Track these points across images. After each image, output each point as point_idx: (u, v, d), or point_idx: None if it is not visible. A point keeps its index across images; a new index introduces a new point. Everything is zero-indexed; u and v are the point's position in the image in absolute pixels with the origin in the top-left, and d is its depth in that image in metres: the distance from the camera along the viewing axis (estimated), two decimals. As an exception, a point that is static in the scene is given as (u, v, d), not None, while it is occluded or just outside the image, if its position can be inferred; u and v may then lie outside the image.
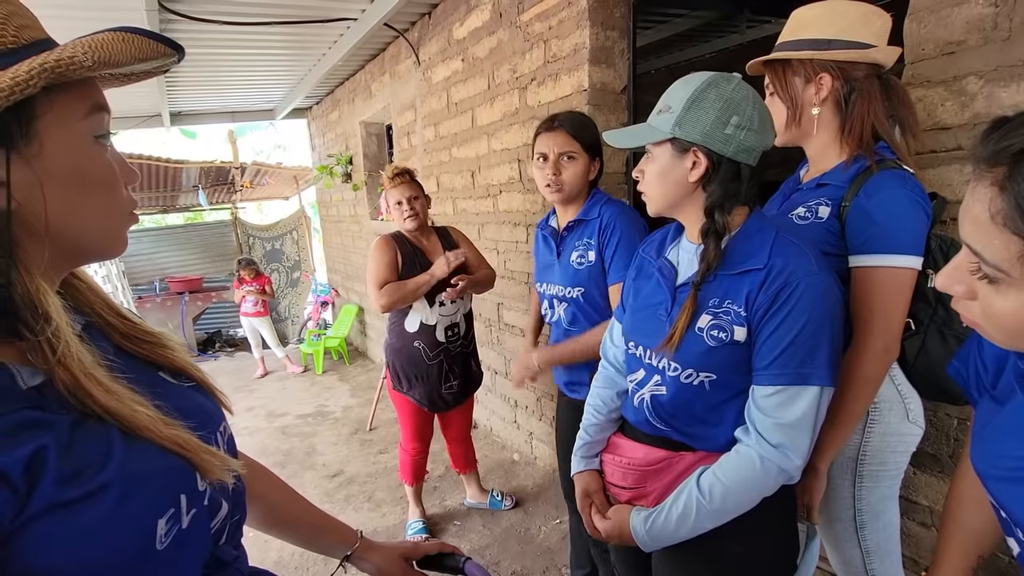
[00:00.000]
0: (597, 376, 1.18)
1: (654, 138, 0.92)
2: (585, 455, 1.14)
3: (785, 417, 0.85)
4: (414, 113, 3.67)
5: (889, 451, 1.11)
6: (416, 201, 2.14)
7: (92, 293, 0.56)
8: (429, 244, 2.22)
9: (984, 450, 0.62)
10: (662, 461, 1.00)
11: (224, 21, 2.95)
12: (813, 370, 0.84)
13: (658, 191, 0.95)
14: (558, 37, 2.27)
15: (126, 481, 0.44)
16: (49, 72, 0.41)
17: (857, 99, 1.06)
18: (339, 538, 0.79)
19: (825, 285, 0.85)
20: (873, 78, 1.07)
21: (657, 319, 0.98)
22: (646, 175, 0.96)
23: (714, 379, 0.91)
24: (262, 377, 5.24)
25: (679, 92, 0.90)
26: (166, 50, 0.49)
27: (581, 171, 1.50)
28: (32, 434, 0.41)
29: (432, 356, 2.19)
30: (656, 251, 1.04)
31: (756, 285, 0.86)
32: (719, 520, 0.90)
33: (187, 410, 0.53)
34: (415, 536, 2.39)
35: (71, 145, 0.46)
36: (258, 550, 2.35)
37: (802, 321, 0.83)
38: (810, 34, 1.09)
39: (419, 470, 2.43)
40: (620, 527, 0.99)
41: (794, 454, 0.86)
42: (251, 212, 9.70)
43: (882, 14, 1.08)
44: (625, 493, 1.06)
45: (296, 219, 7.76)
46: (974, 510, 0.78)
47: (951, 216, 1.22)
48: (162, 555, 0.45)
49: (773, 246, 0.87)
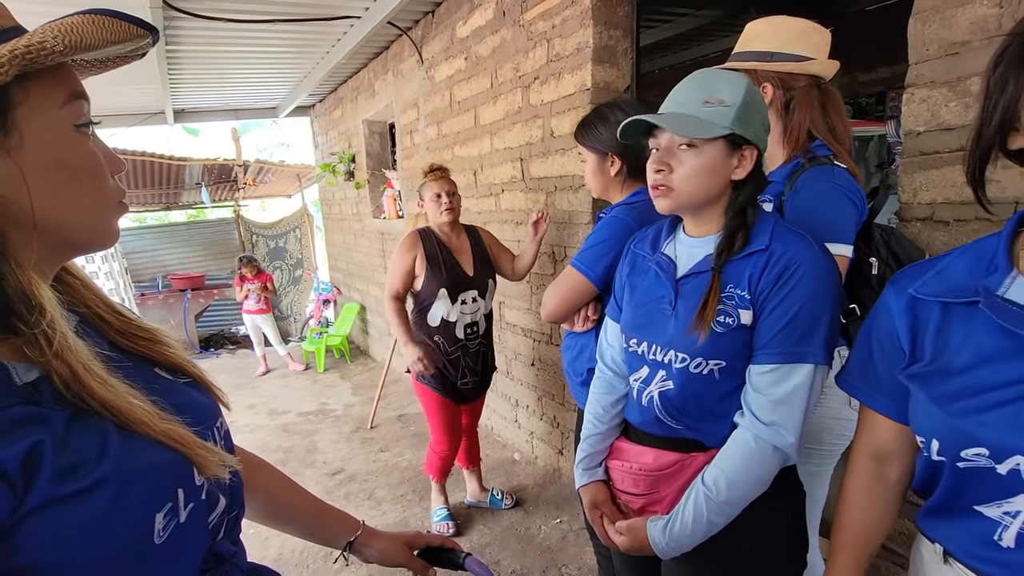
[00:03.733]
0: (595, 382, 1.14)
1: (714, 132, 0.86)
2: (588, 467, 1.11)
3: (777, 393, 0.86)
4: (417, 111, 3.67)
5: (826, 433, 1.18)
6: (453, 197, 2.19)
7: (86, 289, 0.56)
8: (458, 242, 2.25)
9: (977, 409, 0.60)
10: (674, 464, 0.98)
11: (228, 19, 2.96)
12: (809, 348, 0.85)
13: (697, 188, 0.90)
14: (561, 36, 2.26)
15: (123, 476, 0.44)
16: (20, 59, 0.40)
17: (796, 107, 1.18)
18: (341, 527, 0.79)
19: (826, 266, 0.87)
20: (812, 88, 1.18)
21: (661, 313, 0.97)
22: (681, 171, 0.89)
23: (723, 366, 0.91)
24: (264, 374, 5.25)
25: (729, 87, 0.88)
26: (139, 31, 0.48)
27: (590, 172, 1.51)
28: (28, 429, 0.41)
29: (450, 352, 2.22)
30: (651, 247, 1.04)
31: (759, 268, 0.88)
32: (730, 513, 0.90)
33: (183, 406, 0.53)
34: (441, 523, 2.41)
35: (51, 135, 0.46)
36: (258, 547, 2.35)
37: (802, 301, 0.85)
38: (755, 46, 1.21)
39: (447, 468, 2.47)
40: (639, 541, 0.96)
41: (787, 431, 0.86)
42: (254, 210, 9.71)
43: (820, 29, 1.19)
44: (638, 500, 1.03)
45: (299, 217, 7.76)
46: (866, 509, 0.80)
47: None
48: (160, 549, 0.45)
49: (773, 231, 0.90)
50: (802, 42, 1.17)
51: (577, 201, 2.32)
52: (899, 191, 1.33)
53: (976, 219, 1.19)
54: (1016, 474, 0.56)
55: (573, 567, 2.14)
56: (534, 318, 2.77)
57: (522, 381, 2.98)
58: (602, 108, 1.52)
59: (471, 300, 2.20)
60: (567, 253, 2.43)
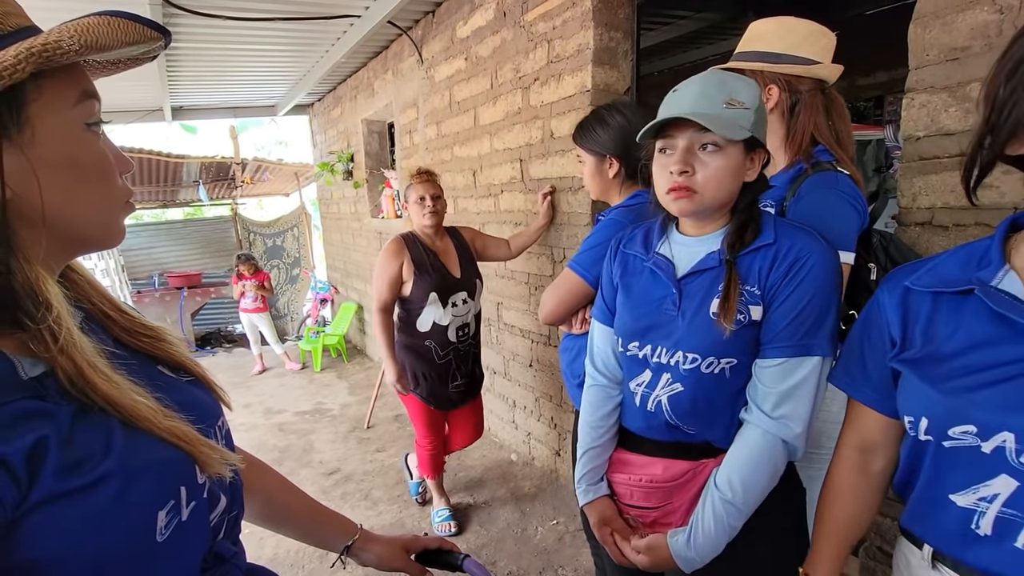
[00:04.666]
0: (588, 391, 1.09)
1: (740, 135, 0.85)
2: (591, 482, 1.06)
3: (783, 386, 0.86)
4: (416, 111, 3.66)
5: (825, 437, 1.17)
6: (437, 201, 2.20)
7: (90, 286, 0.56)
8: (442, 245, 2.26)
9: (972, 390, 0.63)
10: (686, 474, 0.96)
11: (227, 16, 2.95)
12: (816, 341, 0.86)
13: (721, 189, 0.88)
14: (562, 37, 2.26)
15: (127, 472, 0.44)
16: (36, 56, 0.41)
17: (801, 110, 1.16)
18: (339, 530, 0.79)
19: (833, 258, 0.89)
20: (817, 92, 1.16)
21: (664, 314, 0.95)
22: (706, 172, 0.86)
23: (735, 364, 0.90)
24: (260, 373, 5.23)
25: (746, 90, 0.88)
26: (153, 34, 0.49)
27: (589, 174, 1.51)
28: (33, 424, 0.40)
29: (442, 355, 2.22)
30: (643, 247, 1.02)
31: (767, 262, 0.88)
32: (747, 512, 0.89)
33: (186, 404, 0.53)
34: (442, 523, 2.41)
35: (63, 133, 0.46)
36: (254, 547, 2.34)
37: (811, 293, 0.86)
38: (761, 47, 1.18)
39: (438, 462, 2.47)
40: (662, 559, 0.93)
41: (794, 423, 0.86)
42: (251, 208, 9.69)
43: (827, 33, 1.17)
44: (650, 514, 1.00)
45: (297, 216, 7.75)
46: (849, 501, 0.82)
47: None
48: (162, 547, 0.45)
49: (776, 227, 0.91)
50: (810, 45, 1.15)
51: (576, 203, 2.32)
52: (898, 196, 1.33)
53: (975, 224, 1.20)
54: (1000, 452, 0.59)
55: (570, 568, 2.13)
56: (532, 319, 2.77)
57: (520, 382, 2.98)
58: (600, 110, 1.52)
59: (461, 302, 2.20)
60: (566, 254, 2.43)
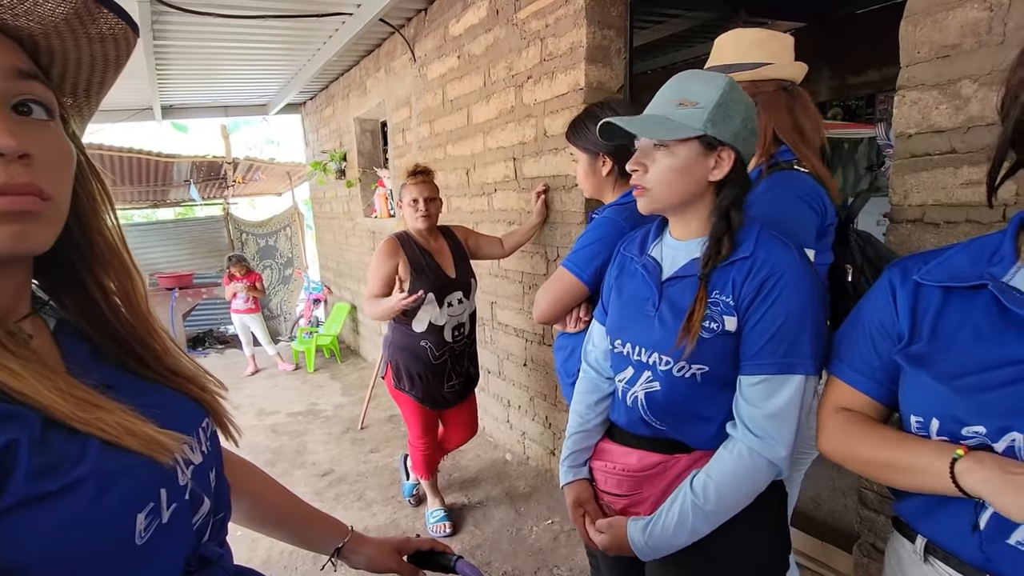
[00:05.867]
0: (580, 382, 1.15)
1: (683, 133, 0.87)
2: (573, 464, 1.11)
3: (769, 407, 0.86)
4: (409, 110, 3.65)
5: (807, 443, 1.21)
6: (432, 203, 2.16)
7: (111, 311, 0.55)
8: (437, 245, 2.24)
9: None
10: (657, 466, 0.98)
11: (218, 14, 2.92)
12: (798, 359, 0.85)
13: (670, 188, 0.90)
14: (555, 35, 2.26)
15: (103, 475, 0.43)
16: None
17: (760, 111, 1.17)
18: (329, 532, 0.78)
19: (808, 275, 0.88)
20: (778, 92, 1.22)
21: (644, 315, 0.97)
22: (654, 170, 0.90)
23: (706, 371, 0.91)
24: (253, 374, 5.19)
25: (703, 88, 0.88)
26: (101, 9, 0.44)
27: (582, 172, 1.50)
28: (1, 427, 0.39)
29: (438, 356, 2.20)
30: (639, 249, 1.04)
31: (742, 274, 0.88)
32: (716, 521, 0.90)
33: (160, 405, 0.51)
34: (438, 524, 2.39)
35: None
36: (246, 549, 2.32)
37: (786, 312, 0.85)
38: (719, 60, 1.28)
39: (432, 463, 2.46)
40: (618, 540, 0.97)
41: (779, 444, 0.86)
42: (243, 208, 9.62)
43: (778, 36, 1.26)
44: (620, 501, 1.04)
45: (289, 215, 7.71)
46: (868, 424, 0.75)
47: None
48: (142, 550, 0.44)
49: (758, 239, 0.89)
50: (759, 50, 1.23)
51: (570, 201, 2.32)
52: (890, 193, 1.34)
53: (966, 221, 1.20)
54: (1009, 452, 0.59)
55: (564, 568, 2.13)
56: (526, 318, 2.77)
57: (514, 381, 2.97)
58: (593, 108, 1.51)
59: (457, 302, 2.19)
60: (559, 253, 2.43)
